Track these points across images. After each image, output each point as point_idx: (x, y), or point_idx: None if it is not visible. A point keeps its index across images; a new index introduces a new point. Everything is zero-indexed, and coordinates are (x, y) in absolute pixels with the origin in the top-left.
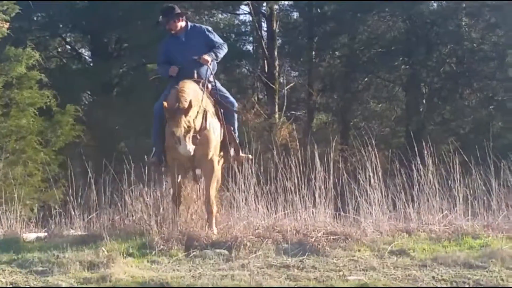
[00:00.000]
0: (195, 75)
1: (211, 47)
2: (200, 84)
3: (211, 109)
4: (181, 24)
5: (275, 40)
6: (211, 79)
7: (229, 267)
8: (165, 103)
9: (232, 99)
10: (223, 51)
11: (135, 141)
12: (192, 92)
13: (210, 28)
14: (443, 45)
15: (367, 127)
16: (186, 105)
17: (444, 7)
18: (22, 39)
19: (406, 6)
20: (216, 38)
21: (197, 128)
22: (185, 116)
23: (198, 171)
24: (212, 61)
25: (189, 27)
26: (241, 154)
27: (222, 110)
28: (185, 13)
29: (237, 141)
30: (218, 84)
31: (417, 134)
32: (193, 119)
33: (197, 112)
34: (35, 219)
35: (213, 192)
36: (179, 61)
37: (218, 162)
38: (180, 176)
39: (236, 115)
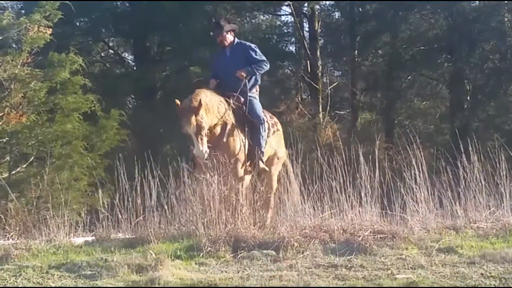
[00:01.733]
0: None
1: (251, 63)
2: (231, 99)
3: (230, 123)
4: (230, 38)
5: (317, 40)
6: (253, 93)
7: (277, 267)
8: (177, 101)
9: (259, 114)
10: (262, 68)
11: (179, 144)
12: (208, 99)
13: (254, 46)
14: (485, 41)
15: (411, 125)
16: (196, 104)
17: (486, 3)
18: (65, 44)
19: (448, 4)
20: (258, 55)
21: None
22: (195, 115)
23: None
24: (248, 76)
25: (235, 42)
26: (261, 165)
27: (250, 125)
28: (233, 29)
29: (260, 154)
30: (254, 99)
31: (462, 131)
32: (206, 122)
33: (215, 122)
34: (82, 223)
35: (240, 194)
36: (221, 75)
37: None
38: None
39: (261, 129)
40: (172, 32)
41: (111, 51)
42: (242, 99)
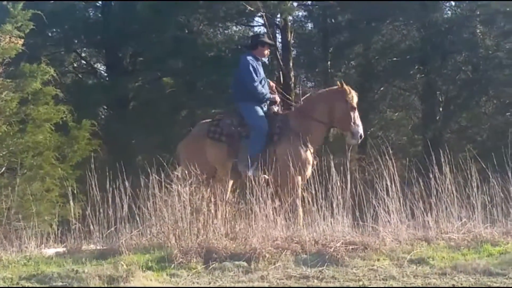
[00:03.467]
0: None
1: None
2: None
3: None
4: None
5: (290, 51)
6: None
7: (249, 279)
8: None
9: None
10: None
11: (151, 155)
12: None
13: None
14: (458, 53)
15: (384, 136)
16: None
17: (458, 15)
18: (37, 55)
19: (420, 15)
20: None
21: None
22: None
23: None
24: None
25: None
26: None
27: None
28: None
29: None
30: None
31: (434, 142)
32: None
33: None
34: (53, 235)
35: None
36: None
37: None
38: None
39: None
40: (144, 43)
41: (83, 61)
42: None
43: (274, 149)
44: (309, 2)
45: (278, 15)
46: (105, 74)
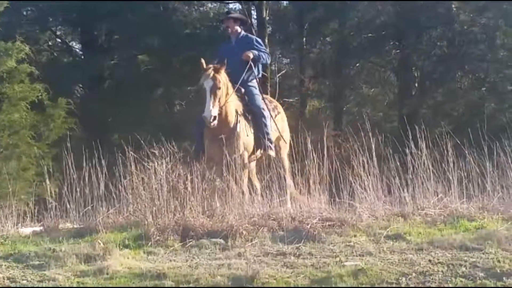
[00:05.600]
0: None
1: (257, 49)
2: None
3: (240, 110)
4: (237, 28)
5: (266, 28)
6: (253, 83)
7: (226, 256)
8: (202, 60)
9: (258, 103)
10: (265, 57)
11: (127, 133)
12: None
13: (260, 40)
14: (433, 28)
15: (360, 112)
16: (219, 66)
17: None
18: (11, 33)
19: None
20: (262, 48)
21: (228, 113)
22: (216, 73)
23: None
24: (253, 57)
25: (242, 34)
26: (271, 154)
27: (254, 114)
28: (243, 19)
29: (266, 141)
30: (254, 88)
31: (410, 118)
32: (222, 85)
33: (226, 95)
34: (30, 213)
35: (244, 182)
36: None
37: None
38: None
39: (263, 119)
40: (120, 21)
41: (58, 40)
42: (243, 90)
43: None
44: None
45: None
46: (81, 52)
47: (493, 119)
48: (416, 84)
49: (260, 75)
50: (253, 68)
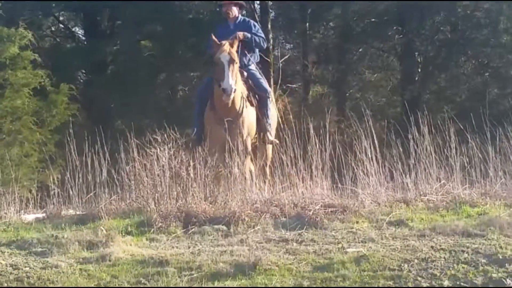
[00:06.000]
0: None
1: (250, 33)
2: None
3: (245, 94)
4: (236, 12)
5: (269, 13)
6: (252, 67)
7: (228, 242)
8: (213, 36)
9: (265, 86)
10: (258, 41)
11: (130, 119)
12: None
13: (258, 25)
14: (436, 13)
15: (363, 98)
16: (233, 41)
17: None
18: (14, 19)
19: None
20: (259, 32)
21: (235, 96)
22: (231, 47)
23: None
24: (244, 37)
25: (240, 18)
26: (270, 137)
27: (256, 97)
28: (241, 4)
29: (268, 126)
30: (257, 73)
31: (413, 103)
32: (236, 58)
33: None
34: (33, 200)
35: (247, 168)
36: None
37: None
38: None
39: (268, 101)
40: (122, 6)
41: (61, 25)
42: (246, 74)
43: None
44: None
45: None
46: (83, 38)
47: (496, 104)
48: (419, 70)
49: (258, 60)
50: (246, 55)
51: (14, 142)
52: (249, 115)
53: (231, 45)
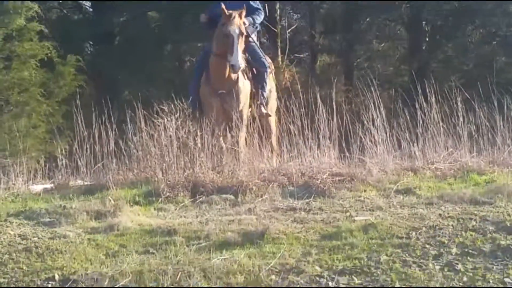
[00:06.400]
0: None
1: (249, 11)
2: None
3: (243, 66)
4: None
5: None
6: (253, 38)
7: (236, 211)
8: (223, 5)
9: (263, 60)
10: (259, 18)
11: (137, 90)
12: None
13: None
14: None
15: (370, 67)
16: (240, 12)
17: None
18: None
19: None
20: (255, 4)
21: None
22: (240, 18)
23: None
24: (249, 25)
25: None
26: (263, 110)
27: (254, 70)
28: None
29: (263, 99)
30: (256, 46)
31: (421, 73)
32: (244, 30)
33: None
34: (41, 171)
35: (242, 139)
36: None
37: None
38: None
39: (266, 75)
40: None
41: None
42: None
43: None
44: None
45: None
46: (91, 10)
47: (503, 72)
48: (427, 39)
49: (258, 29)
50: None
51: (21, 114)
52: (245, 87)
53: (240, 17)
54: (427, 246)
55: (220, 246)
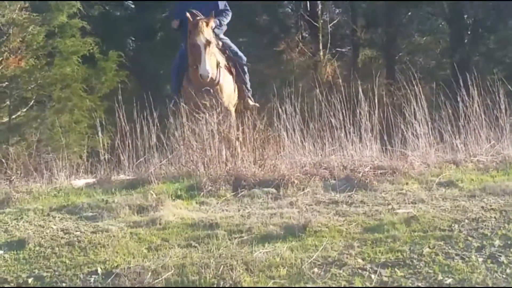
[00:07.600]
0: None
1: (216, 12)
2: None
3: (223, 63)
4: None
5: None
6: (224, 37)
7: (278, 205)
8: (188, 14)
9: (241, 54)
10: (226, 19)
11: None
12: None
13: None
14: None
15: (412, 61)
16: (207, 20)
17: None
18: None
19: None
20: (222, 5)
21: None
22: (207, 26)
23: None
24: (215, 27)
25: None
26: (250, 103)
27: (235, 65)
28: None
29: (248, 92)
30: (229, 42)
31: (462, 66)
32: (213, 39)
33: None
34: (83, 166)
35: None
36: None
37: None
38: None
39: (246, 69)
40: None
41: None
42: (221, 43)
43: None
44: None
45: None
46: (132, 6)
47: None
48: (468, 32)
49: (226, 28)
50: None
51: (64, 109)
52: (228, 83)
53: (207, 24)
54: (470, 238)
55: (262, 239)
